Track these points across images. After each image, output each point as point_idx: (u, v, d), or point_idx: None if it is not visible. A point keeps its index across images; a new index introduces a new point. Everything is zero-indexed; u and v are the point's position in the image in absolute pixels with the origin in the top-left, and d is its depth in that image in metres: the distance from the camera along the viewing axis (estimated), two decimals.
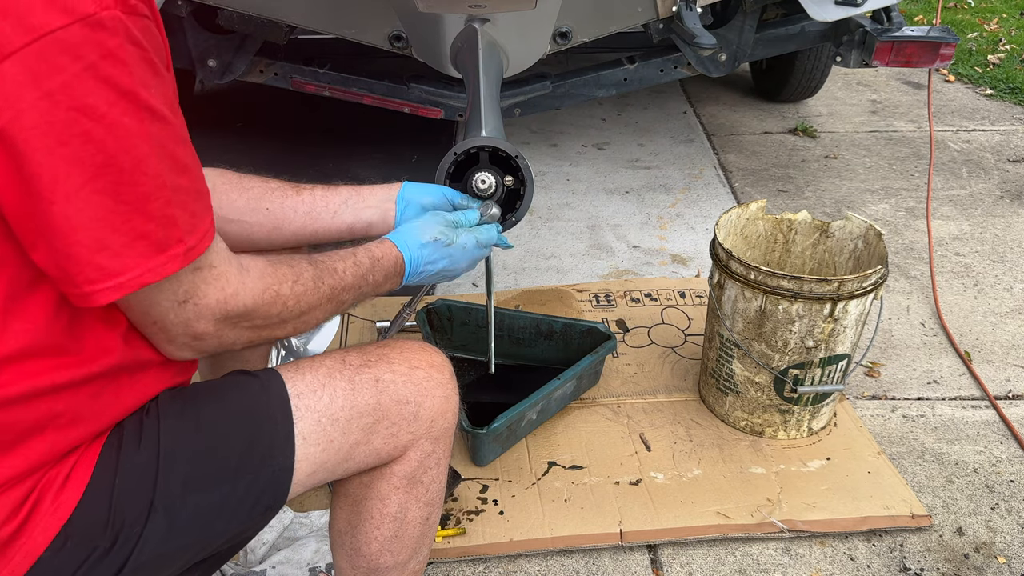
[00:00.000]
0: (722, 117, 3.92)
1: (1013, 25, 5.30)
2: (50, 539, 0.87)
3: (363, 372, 1.07)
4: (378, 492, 1.13)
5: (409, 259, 1.17)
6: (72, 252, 0.79)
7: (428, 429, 1.12)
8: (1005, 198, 3.17)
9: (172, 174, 0.83)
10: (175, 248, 0.84)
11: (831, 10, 2.55)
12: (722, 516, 1.72)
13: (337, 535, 1.21)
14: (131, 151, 0.79)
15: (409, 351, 1.13)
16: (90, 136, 0.76)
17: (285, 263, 1.01)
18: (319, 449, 1.03)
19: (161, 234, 0.83)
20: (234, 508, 0.99)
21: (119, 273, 0.81)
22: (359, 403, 1.05)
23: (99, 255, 0.80)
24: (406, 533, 1.17)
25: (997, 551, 1.69)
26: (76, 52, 0.74)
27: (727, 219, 1.95)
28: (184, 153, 0.86)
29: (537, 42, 2.47)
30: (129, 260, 0.81)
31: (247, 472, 0.99)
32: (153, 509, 0.92)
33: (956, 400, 2.11)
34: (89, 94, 0.75)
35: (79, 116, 0.75)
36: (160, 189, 0.82)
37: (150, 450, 0.94)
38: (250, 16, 2.51)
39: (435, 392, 1.11)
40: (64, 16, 0.73)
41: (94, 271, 0.80)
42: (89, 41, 0.75)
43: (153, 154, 0.81)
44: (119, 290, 0.82)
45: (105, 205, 0.79)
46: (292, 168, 3.29)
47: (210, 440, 0.98)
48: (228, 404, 1.01)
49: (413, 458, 1.12)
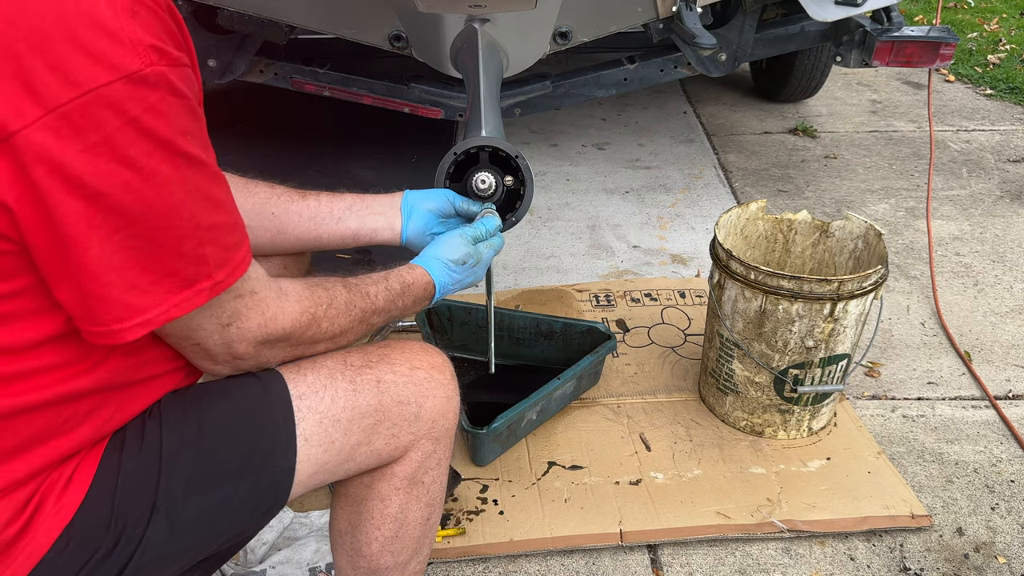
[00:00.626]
0: (722, 117, 3.92)
1: (1013, 25, 5.30)
2: (53, 540, 0.87)
3: (364, 373, 1.08)
4: (379, 493, 1.14)
5: (440, 284, 1.20)
6: (104, 293, 0.81)
7: (429, 430, 1.12)
8: (1005, 198, 3.17)
9: (207, 213, 0.86)
10: (202, 283, 0.86)
11: (831, 10, 2.55)
12: (722, 516, 1.72)
13: (337, 535, 1.21)
14: (167, 198, 0.81)
15: (410, 352, 1.13)
16: (129, 186, 0.78)
17: (320, 286, 1.04)
18: (321, 450, 1.04)
19: (191, 271, 0.85)
20: (235, 509, 0.99)
21: (147, 310, 0.84)
22: (361, 404, 1.06)
23: (128, 294, 0.82)
24: (407, 533, 1.17)
25: (997, 551, 1.69)
26: (120, 107, 0.76)
27: (727, 219, 1.95)
28: (218, 190, 0.88)
29: (537, 42, 2.47)
30: (157, 296, 0.84)
31: (249, 473, 0.99)
32: (155, 510, 0.92)
33: (956, 400, 2.11)
34: (130, 146, 0.77)
35: (119, 167, 0.77)
36: (195, 231, 0.84)
37: (152, 452, 0.95)
38: (250, 16, 2.51)
39: (436, 393, 1.12)
40: (110, 73, 0.75)
41: (123, 309, 0.83)
42: (132, 97, 0.76)
43: (189, 198, 0.83)
44: (146, 326, 0.85)
45: (140, 248, 0.81)
46: (292, 168, 3.31)
47: (212, 442, 0.98)
48: (230, 406, 1.01)
49: (414, 459, 1.13)
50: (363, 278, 1.12)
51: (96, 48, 0.74)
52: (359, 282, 1.10)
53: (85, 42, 0.74)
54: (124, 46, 0.75)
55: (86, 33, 0.74)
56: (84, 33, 0.74)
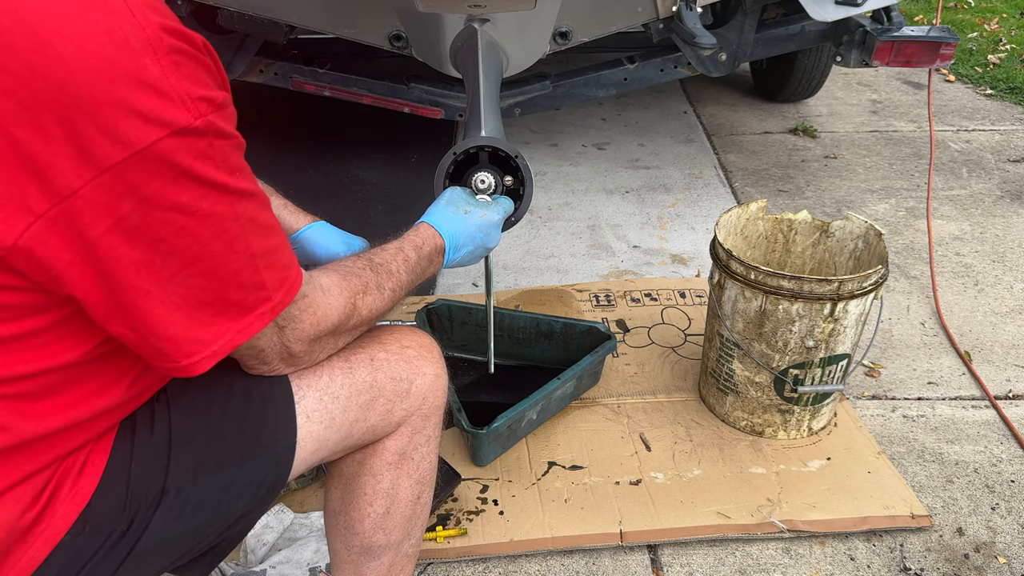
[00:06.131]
0: (722, 117, 3.92)
1: (1013, 25, 5.30)
2: (70, 524, 0.89)
3: (358, 352, 1.12)
4: (371, 468, 1.18)
5: (446, 234, 1.23)
6: (170, 333, 0.83)
7: (420, 405, 1.17)
8: (1005, 198, 3.16)
9: (260, 241, 0.88)
10: (262, 307, 0.89)
11: (831, 10, 2.55)
12: (722, 516, 1.72)
13: (332, 516, 1.24)
14: (222, 235, 0.83)
15: (399, 332, 1.18)
16: (184, 230, 0.80)
17: (353, 274, 1.07)
18: (322, 427, 1.07)
19: (251, 298, 0.88)
20: (240, 488, 1.01)
21: (212, 341, 0.86)
22: (357, 381, 1.10)
23: (191, 330, 0.85)
24: (397, 511, 1.21)
25: (997, 551, 1.69)
26: (171, 160, 0.77)
27: (727, 219, 1.95)
28: (267, 215, 0.90)
29: (537, 42, 2.47)
30: (220, 327, 0.86)
31: (253, 453, 1.02)
32: (165, 491, 0.95)
33: (956, 400, 2.11)
34: (183, 193, 0.79)
35: (174, 215, 0.79)
36: (251, 260, 0.87)
37: (162, 434, 0.97)
38: (250, 16, 2.51)
39: (426, 370, 1.17)
40: (161, 130, 0.76)
41: (190, 345, 0.85)
42: (183, 148, 0.77)
43: (244, 232, 0.85)
44: (215, 357, 0.87)
45: (200, 286, 0.83)
46: (292, 168, 3.31)
47: (218, 423, 1.01)
48: (233, 387, 1.03)
49: (404, 433, 1.17)
50: (381, 253, 1.15)
51: (146, 108, 0.75)
52: (382, 261, 1.13)
53: (135, 103, 0.74)
54: (174, 103, 0.76)
55: (135, 94, 0.75)
56: (133, 95, 0.74)
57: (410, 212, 3.03)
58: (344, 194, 3.15)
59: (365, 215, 3.00)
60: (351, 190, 3.19)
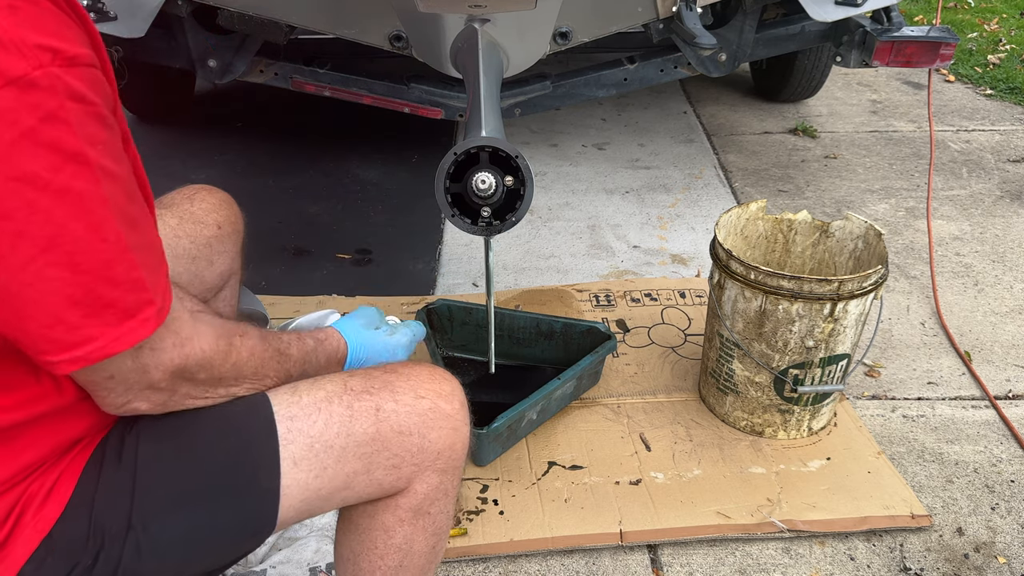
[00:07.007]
0: (722, 117, 3.92)
1: (1013, 25, 5.30)
2: (30, 552, 0.86)
3: (363, 399, 1.02)
4: (383, 523, 1.09)
5: (350, 342, 1.19)
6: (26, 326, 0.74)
7: (434, 461, 1.06)
8: (1005, 198, 3.17)
9: (133, 233, 0.78)
10: (146, 311, 0.79)
11: (831, 10, 2.55)
12: (722, 516, 1.72)
13: (341, 561, 1.17)
14: (84, 217, 0.73)
15: (416, 379, 1.07)
16: (36, 206, 0.70)
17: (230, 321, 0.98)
18: (311, 476, 0.99)
19: (131, 299, 0.78)
20: (218, 531, 0.96)
21: (78, 345, 0.76)
22: (356, 431, 1.01)
23: (55, 329, 0.75)
24: (412, 563, 1.13)
25: (997, 551, 1.69)
26: (10, 118, 0.67)
27: (727, 219, 1.96)
28: (134, 208, 0.79)
29: (537, 42, 2.47)
30: (94, 330, 0.76)
31: (228, 493, 0.96)
32: (131, 528, 0.90)
33: (956, 400, 2.11)
34: (30, 161, 0.68)
35: (21, 186, 0.69)
36: (123, 252, 0.76)
37: (128, 469, 0.92)
38: (250, 16, 2.51)
39: (442, 424, 1.05)
40: None
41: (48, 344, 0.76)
42: (23, 105, 0.67)
43: (110, 216, 0.75)
44: (78, 363, 0.77)
45: (62, 277, 0.73)
46: (292, 168, 3.31)
47: (189, 459, 0.95)
48: (210, 425, 0.97)
49: (419, 491, 1.08)
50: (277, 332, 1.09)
51: None
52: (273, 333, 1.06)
53: None
54: (4, 48, 0.66)
55: None
56: None
57: (410, 212, 3.05)
58: (344, 194, 3.15)
59: (365, 215, 3.00)
60: (351, 190, 3.19)
